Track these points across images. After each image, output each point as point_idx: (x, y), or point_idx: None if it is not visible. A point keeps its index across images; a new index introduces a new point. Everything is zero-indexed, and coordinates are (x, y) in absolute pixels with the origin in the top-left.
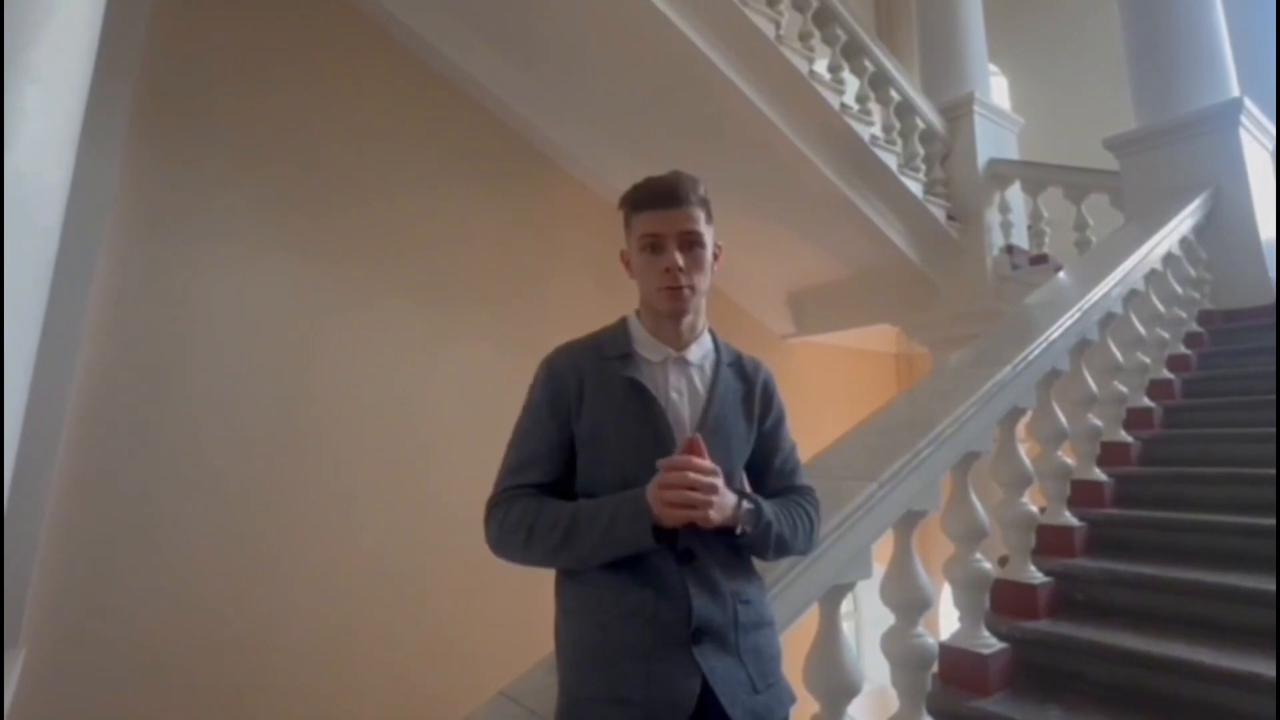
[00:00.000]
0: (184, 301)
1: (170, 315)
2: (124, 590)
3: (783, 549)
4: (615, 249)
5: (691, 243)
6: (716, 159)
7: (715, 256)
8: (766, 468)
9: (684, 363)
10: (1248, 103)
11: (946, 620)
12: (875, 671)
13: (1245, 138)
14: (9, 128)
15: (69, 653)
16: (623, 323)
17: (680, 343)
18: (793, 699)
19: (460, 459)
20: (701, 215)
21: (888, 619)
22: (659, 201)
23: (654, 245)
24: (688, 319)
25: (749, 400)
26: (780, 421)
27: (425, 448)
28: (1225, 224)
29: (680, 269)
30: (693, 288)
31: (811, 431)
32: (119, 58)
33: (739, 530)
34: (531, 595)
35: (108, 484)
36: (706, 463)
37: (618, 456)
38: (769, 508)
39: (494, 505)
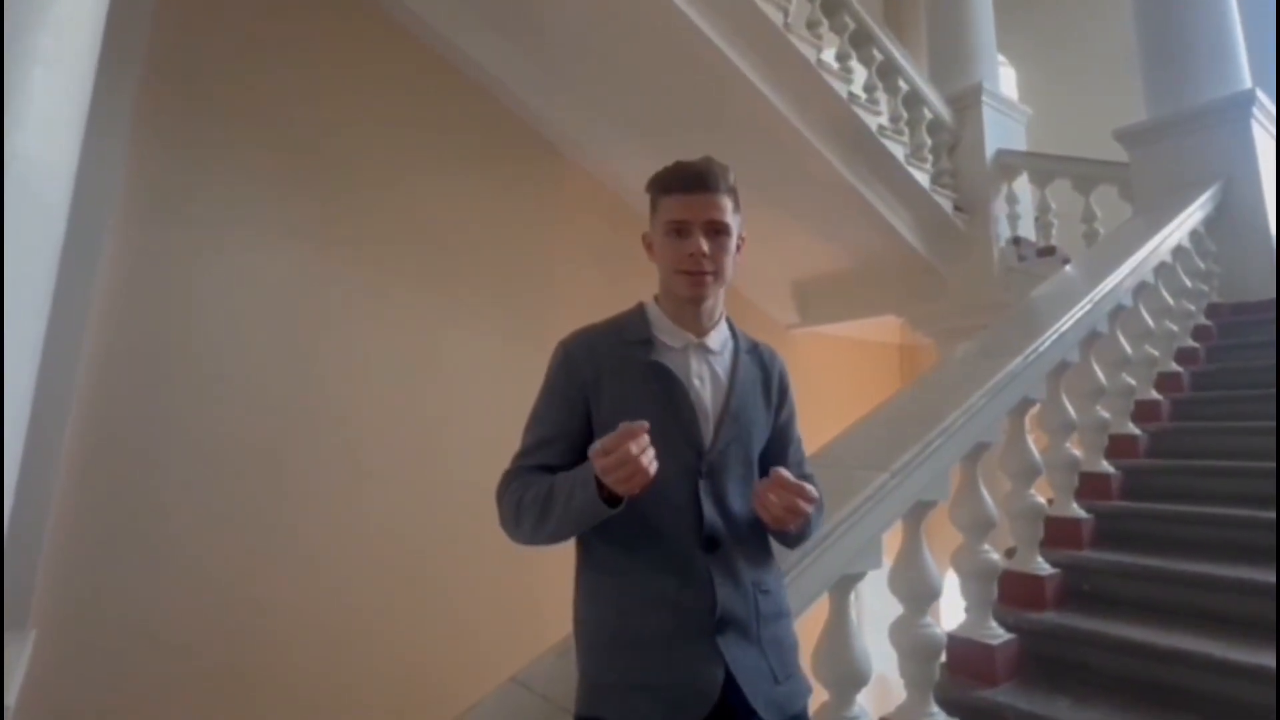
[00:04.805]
0: (191, 286)
1: (177, 299)
2: (133, 572)
3: (804, 540)
4: (622, 238)
5: (717, 230)
6: (723, 148)
7: (738, 247)
8: (779, 458)
9: (705, 349)
10: (1260, 94)
11: (950, 611)
12: (876, 661)
13: (1256, 130)
14: (15, 109)
15: (78, 635)
16: (640, 308)
17: (700, 329)
18: (809, 690)
19: (468, 446)
20: (729, 204)
21: (888, 609)
22: (688, 186)
23: (679, 230)
24: (708, 304)
25: (767, 388)
26: (793, 411)
27: (433, 434)
28: (1235, 217)
29: (705, 254)
30: (716, 274)
31: (814, 422)
32: (125, 43)
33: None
34: (540, 580)
35: (116, 467)
36: (800, 484)
37: None
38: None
39: (499, 486)
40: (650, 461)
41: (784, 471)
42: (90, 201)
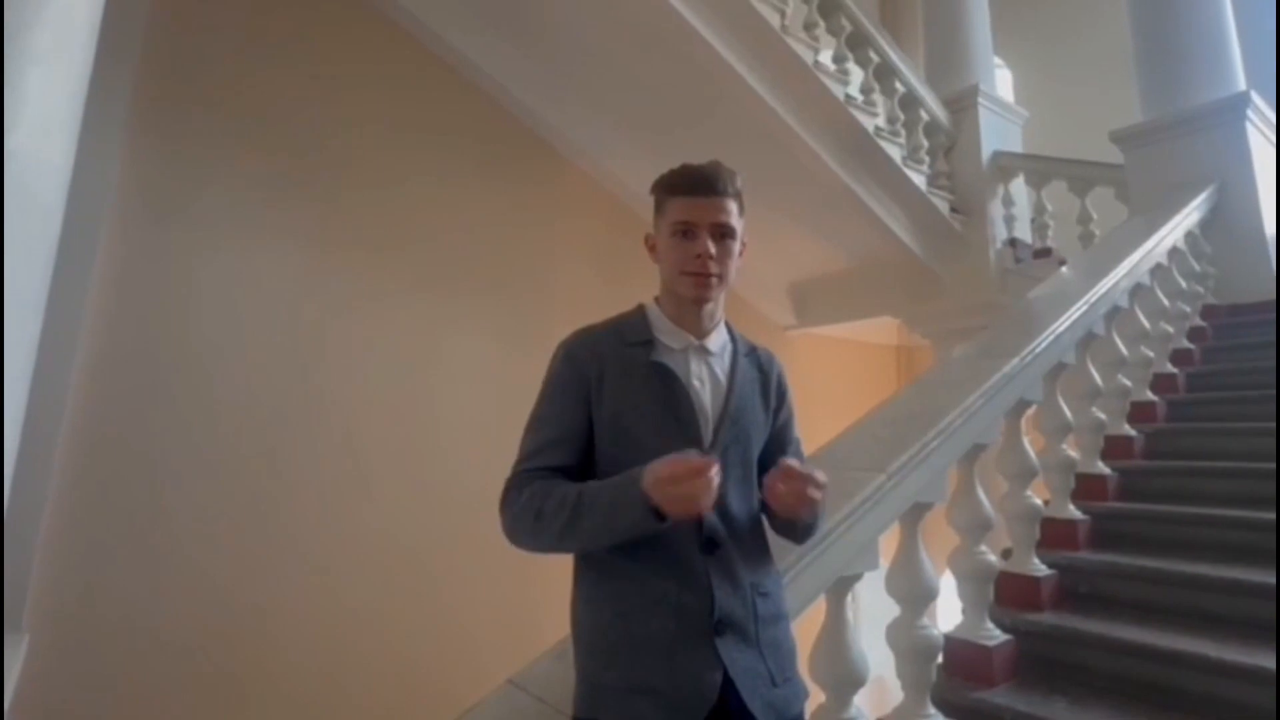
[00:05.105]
0: (187, 285)
1: (173, 299)
2: (129, 574)
3: (811, 534)
4: (620, 239)
5: (723, 234)
6: (720, 148)
7: (740, 251)
8: (777, 459)
9: (705, 351)
10: (1254, 96)
11: (947, 613)
12: (873, 662)
13: (1251, 132)
14: (11, 109)
15: (74, 638)
16: (641, 310)
17: (701, 331)
18: (807, 693)
19: (466, 447)
20: (735, 208)
21: (885, 610)
22: (696, 189)
23: (686, 232)
24: (709, 307)
25: (765, 391)
26: (792, 414)
27: (431, 435)
28: (1230, 218)
29: (711, 257)
30: (720, 277)
31: (811, 423)
32: (119, 42)
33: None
34: (537, 583)
35: (111, 469)
36: (809, 472)
37: (641, 442)
38: None
39: (507, 491)
40: (714, 493)
41: (791, 461)
42: (85, 200)
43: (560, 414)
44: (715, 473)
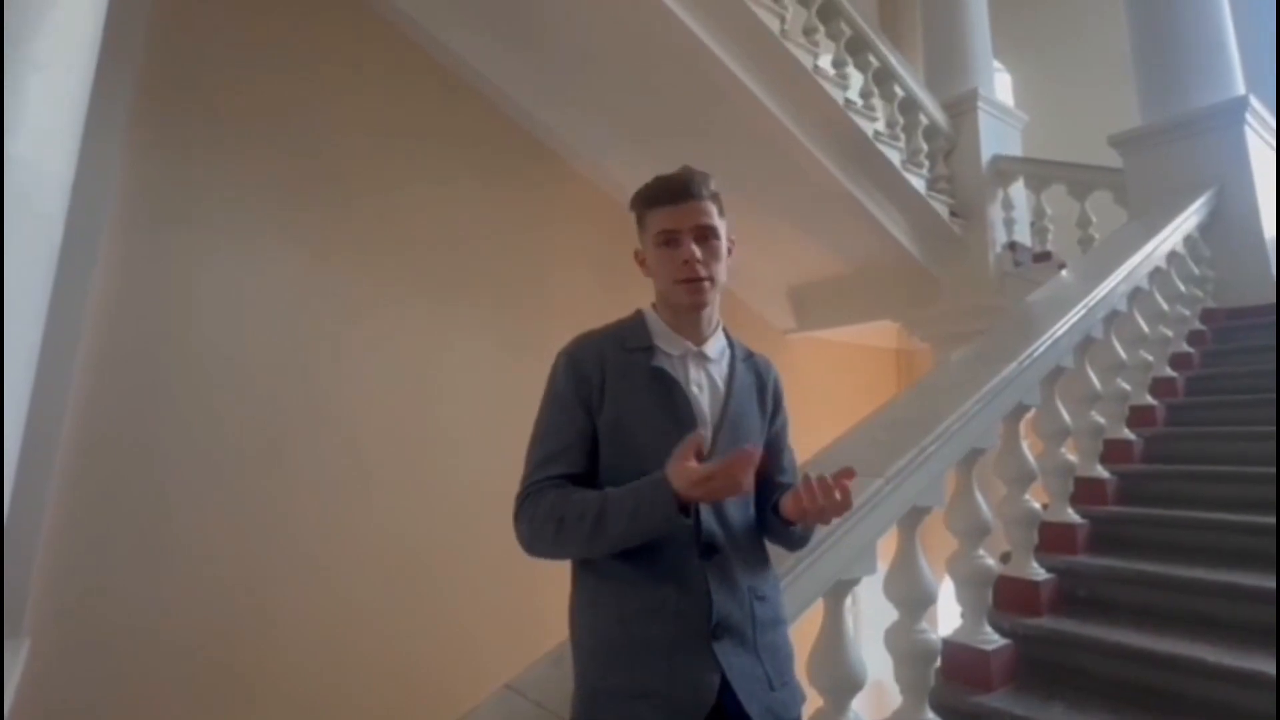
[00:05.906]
0: (188, 290)
1: (173, 304)
2: (130, 576)
3: (806, 543)
4: (619, 245)
5: (706, 235)
6: (720, 153)
7: (728, 250)
8: (774, 466)
9: (703, 357)
10: (1253, 100)
11: (946, 617)
12: (872, 666)
13: (1250, 135)
14: (11, 116)
15: (75, 639)
16: (639, 316)
17: (699, 337)
18: (804, 697)
19: (466, 450)
20: (714, 209)
21: (882, 614)
22: (671, 197)
23: (669, 240)
24: (706, 312)
25: (762, 397)
26: (786, 420)
27: (431, 438)
28: (1229, 222)
29: (699, 260)
30: (711, 279)
31: (812, 427)
32: (120, 47)
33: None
34: (536, 588)
35: (112, 472)
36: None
37: (643, 447)
38: None
39: (523, 502)
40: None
41: (846, 481)
42: (87, 204)
43: (568, 422)
44: (753, 460)
